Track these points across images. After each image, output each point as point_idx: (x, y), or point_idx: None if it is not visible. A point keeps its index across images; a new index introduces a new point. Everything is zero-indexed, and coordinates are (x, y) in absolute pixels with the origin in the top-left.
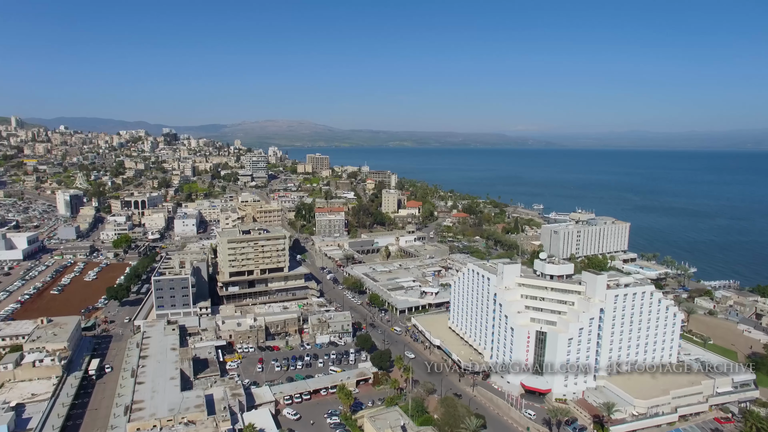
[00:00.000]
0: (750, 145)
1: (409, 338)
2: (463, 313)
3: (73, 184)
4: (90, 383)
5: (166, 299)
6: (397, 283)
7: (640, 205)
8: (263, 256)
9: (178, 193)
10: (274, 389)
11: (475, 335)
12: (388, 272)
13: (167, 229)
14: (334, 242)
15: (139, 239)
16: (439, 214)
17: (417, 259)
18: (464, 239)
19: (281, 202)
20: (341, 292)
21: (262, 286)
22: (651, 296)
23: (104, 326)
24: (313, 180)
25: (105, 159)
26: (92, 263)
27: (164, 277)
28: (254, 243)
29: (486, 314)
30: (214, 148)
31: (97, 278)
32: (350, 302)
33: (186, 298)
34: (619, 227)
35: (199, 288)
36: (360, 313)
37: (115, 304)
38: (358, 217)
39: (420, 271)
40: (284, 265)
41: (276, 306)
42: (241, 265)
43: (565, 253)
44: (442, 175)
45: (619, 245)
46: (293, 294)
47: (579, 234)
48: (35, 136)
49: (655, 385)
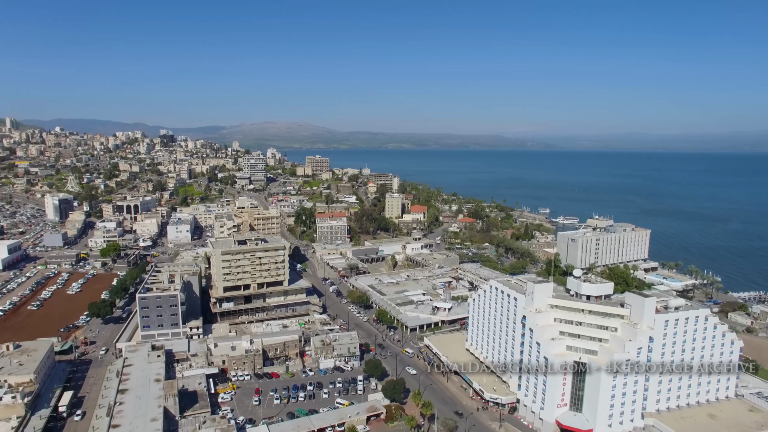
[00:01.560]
0: (747, 147)
1: (423, 361)
2: (483, 334)
3: (64, 187)
4: (58, 425)
5: (152, 318)
6: (406, 296)
7: (646, 208)
8: (261, 269)
9: (173, 196)
10: (273, 429)
11: (498, 360)
12: (396, 284)
13: (160, 236)
14: (337, 250)
15: (129, 247)
16: (444, 219)
17: (425, 268)
18: (472, 246)
19: (280, 206)
20: (346, 306)
21: (259, 301)
22: (706, 321)
23: (83, 348)
24: (313, 183)
25: (99, 161)
26: (77, 274)
27: (150, 295)
28: (251, 255)
29: (512, 338)
30: (212, 150)
31: (81, 291)
32: (356, 319)
33: (175, 317)
34: (640, 234)
35: (190, 304)
36: (367, 331)
37: (97, 322)
38: (361, 222)
39: (429, 283)
40: (284, 278)
41: (275, 324)
42: (236, 279)
43: (584, 263)
44: (442, 178)
45: (639, 253)
46: (293, 310)
47: (598, 242)
48: (29, 138)
49: (712, 426)
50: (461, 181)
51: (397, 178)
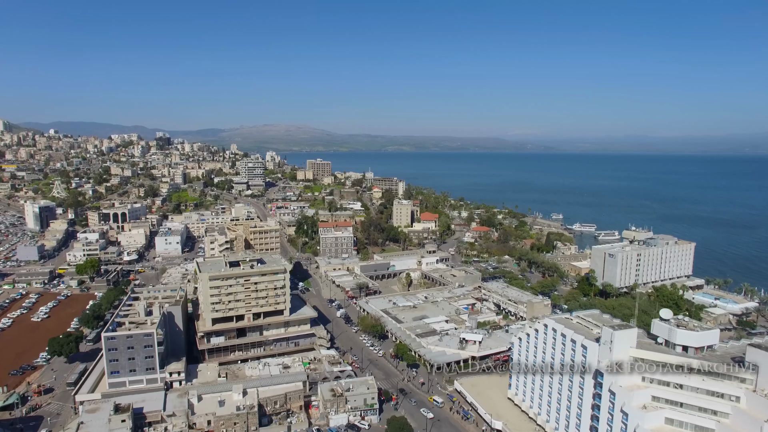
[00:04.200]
0: (747, 149)
1: (456, 414)
2: (534, 385)
3: (51, 193)
4: None
5: (122, 363)
6: (426, 325)
7: (663, 214)
8: (257, 297)
9: (165, 203)
10: None
11: (557, 421)
12: (413, 308)
13: (148, 248)
14: (343, 265)
15: (112, 261)
16: (456, 228)
17: (444, 288)
18: (490, 258)
19: (279, 214)
20: (357, 336)
21: (255, 334)
22: None
23: (35, 401)
24: (314, 188)
25: (91, 165)
26: (48, 295)
27: (120, 333)
28: (245, 280)
29: (579, 396)
30: (209, 152)
31: (49, 317)
32: (369, 353)
33: (150, 360)
34: (683, 248)
35: (172, 340)
36: (384, 370)
37: (60, 361)
38: (369, 233)
39: (451, 306)
40: (284, 307)
41: (274, 363)
42: (227, 309)
43: (624, 281)
44: (445, 181)
45: (682, 269)
46: (296, 344)
47: (639, 257)
48: (21, 141)
49: None
50: (464, 185)
51: (402, 182)
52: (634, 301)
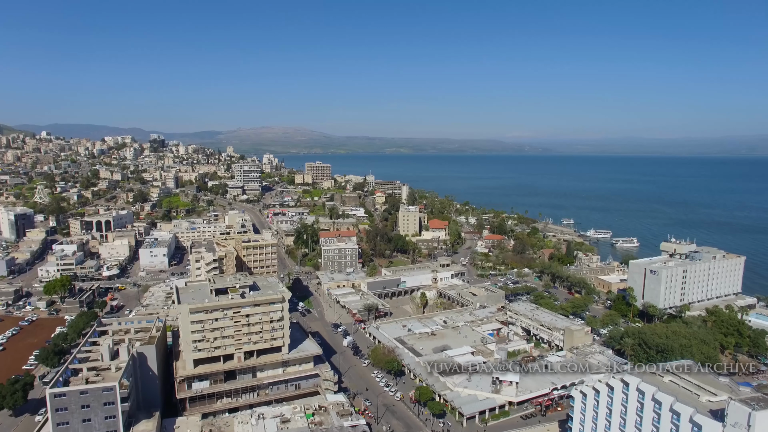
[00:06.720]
0: (744, 151)
1: None
2: None
3: (33, 198)
4: None
5: (73, 427)
6: (450, 358)
7: (678, 219)
8: (249, 332)
9: (155, 209)
10: None
11: None
12: (432, 335)
13: (132, 260)
14: (348, 282)
15: (89, 277)
16: (466, 236)
17: (464, 309)
18: (508, 271)
19: (277, 222)
20: (368, 372)
21: (247, 377)
22: None
23: None
24: (314, 192)
25: (80, 168)
26: (10, 320)
27: (71, 389)
28: (234, 312)
29: None
30: (204, 155)
31: (4, 349)
32: (385, 396)
33: (112, 421)
34: (732, 263)
35: (144, 388)
36: (403, 419)
37: (4, 414)
38: (374, 243)
39: (475, 333)
40: (282, 342)
41: (270, 415)
42: (212, 347)
43: (668, 301)
44: (445, 184)
45: (731, 287)
46: (297, 387)
47: (685, 274)
48: (10, 143)
49: None
50: (466, 188)
51: (405, 186)
52: (687, 327)
